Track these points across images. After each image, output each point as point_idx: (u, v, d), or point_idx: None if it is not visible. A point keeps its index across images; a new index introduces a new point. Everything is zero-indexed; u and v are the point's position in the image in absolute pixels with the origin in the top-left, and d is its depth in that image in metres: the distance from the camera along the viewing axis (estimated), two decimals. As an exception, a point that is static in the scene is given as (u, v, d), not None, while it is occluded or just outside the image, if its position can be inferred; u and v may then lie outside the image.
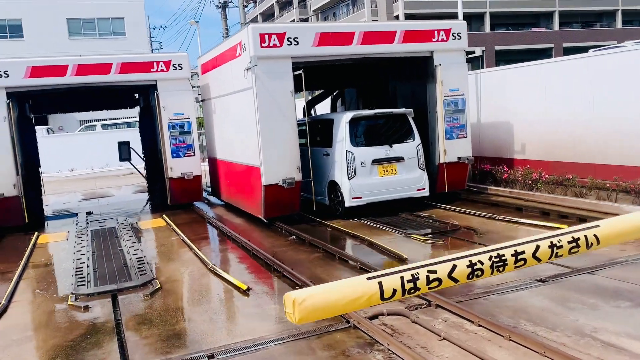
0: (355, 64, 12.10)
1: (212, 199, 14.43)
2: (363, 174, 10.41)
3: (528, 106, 12.11)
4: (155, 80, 12.56)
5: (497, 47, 43.12)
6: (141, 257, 8.62)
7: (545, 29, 48.35)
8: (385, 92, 13.28)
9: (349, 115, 10.55)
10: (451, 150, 11.22)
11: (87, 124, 33.74)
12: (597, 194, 10.07)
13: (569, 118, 11.13)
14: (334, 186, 10.74)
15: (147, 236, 10.71)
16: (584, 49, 13.39)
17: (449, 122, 11.24)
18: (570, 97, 11.07)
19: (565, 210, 9.63)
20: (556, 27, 48.56)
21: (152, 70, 12.49)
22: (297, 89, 10.56)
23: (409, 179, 10.70)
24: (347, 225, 9.94)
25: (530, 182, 11.37)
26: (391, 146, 10.61)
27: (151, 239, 10.43)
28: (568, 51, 40.23)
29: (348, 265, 7.45)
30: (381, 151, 10.55)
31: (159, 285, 7.10)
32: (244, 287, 6.67)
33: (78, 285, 7.37)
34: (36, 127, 14.88)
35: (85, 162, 26.49)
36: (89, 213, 13.84)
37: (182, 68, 12.70)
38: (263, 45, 9.83)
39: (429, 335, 4.89)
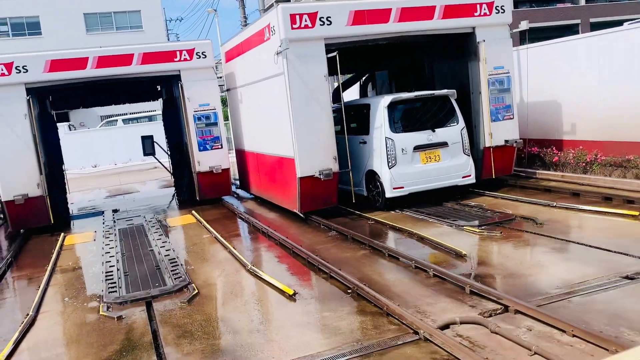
0: (388, 44, 11.33)
1: (241, 192, 13.86)
2: (404, 161, 9.70)
3: (579, 83, 11.20)
4: (179, 70, 11.97)
5: (532, 25, 41.12)
6: (174, 258, 8.06)
7: (570, 4, 46.56)
8: (421, 73, 12.47)
9: (387, 99, 9.82)
10: (497, 133, 10.42)
11: (108, 119, 33.48)
12: (662, 176, 9.22)
13: (627, 94, 10.22)
14: (372, 176, 10.05)
15: (177, 234, 10.17)
16: (613, 24, 12.27)
17: (494, 102, 10.43)
18: (628, 71, 10.15)
19: (630, 194, 8.79)
20: (582, 2, 46.70)
21: (175, 59, 11.88)
22: (330, 72, 9.84)
23: (453, 166, 9.96)
24: (389, 217, 9.26)
25: (583, 164, 10.54)
26: (434, 131, 9.87)
27: (182, 238, 9.88)
28: (595, 27, 38.54)
29: (400, 264, 6.78)
30: (423, 137, 9.82)
31: (196, 291, 6.52)
32: (290, 292, 6.05)
33: (109, 292, 6.83)
34: (57, 124, 14.43)
35: (107, 157, 26.23)
36: (115, 211, 13.37)
37: (206, 56, 12.07)
38: (294, 26, 9.14)
39: (517, 350, 4.20)
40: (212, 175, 12.19)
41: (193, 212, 11.71)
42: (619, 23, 12.87)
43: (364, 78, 15.28)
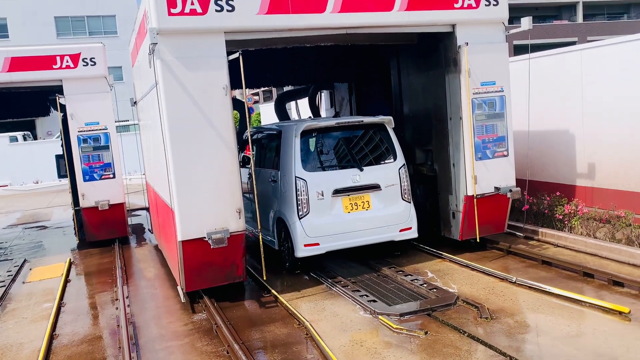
0: (340, 46, 8.30)
1: (153, 237, 11.21)
2: (320, 209, 7.24)
3: (601, 107, 8.44)
4: (61, 80, 9.59)
5: (516, 42, 39.16)
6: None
7: (568, 21, 44.64)
8: (386, 87, 9.88)
9: (300, 126, 7.40)
10: (485, 176, 7.57)
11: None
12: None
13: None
14: (283, 225, 7.59)
15: (14, 303, 7.57)
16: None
17: (482, 132, 7.58)
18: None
19: (619, 269, 6.37)
20: (580, 19, 44.80)
21: (54, 66, 9.52)
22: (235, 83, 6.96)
23: (388, 215, 7.49)
24: (295, 288, 6.79)
25: (560, 217, 8.09)
26: (362, 169, 7.41)
27: (10, 310, 7.18)
28: (593, 45, 36.46)
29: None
30: (346, 177, 7.36)
31: None
32: None
33: None
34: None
35: (53, 173, 23.79)
36: (-5, 248, 10.94)
37: (95, 63, 9.70)
38: (173, 10, 6.24)
39: None
40: (99, 212, 9.73)
41: (70, 259, 9.27)
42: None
43: (311, 90, 12.45)
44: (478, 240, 7.64)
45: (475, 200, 7.53)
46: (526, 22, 7.60)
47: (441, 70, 7.96)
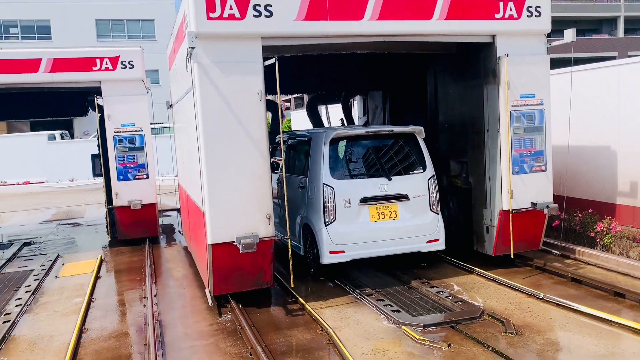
0: (376, 54, 8.23)
1: (182, 239, 11.33)
2: (347, 217, 7.26)
3: None
4: (99, 82, 9.87)
5: (554, 55, 38.33)
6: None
7: (608, 35, 43.72)
8: (422, 97, 9.76)
9: (329, 134, 7.45)
10: (521, 190, 7.37)
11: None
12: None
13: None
14: (309, 231, 7.63)
15: (45, 296, 7.74)
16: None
17: (519, 146, 7.38)
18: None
19: (651, 290, 6.21)
20: (620, 34, 43.78)
21: (94, 68, 9.81)
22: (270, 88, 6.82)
23: (415, 226, 7.45)
24: (320, 297, 6.79)
25: (592, 234, 7.93)
26: (390, 179, 7.41)
27: (42, 303, 7.41)
28: (634, 60, 35.57)
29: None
30: (374, 186, 7.37)
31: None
32: None
33: None
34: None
35: (89, 171, 24.40)
36: (27, 244, 11.25)
37: (133, 66, 9.96)
38: (212, 15, 6.23)
39: None
40: (131, 211, 9.96)
41: (101, 256, 9.51)
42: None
43: (343, 96, 12.38)
44: (512, 257, 7.46)
45: (510, 215, 7.33)
46: (570, 34, 7.37)
47: (479, 81, 7.82)
